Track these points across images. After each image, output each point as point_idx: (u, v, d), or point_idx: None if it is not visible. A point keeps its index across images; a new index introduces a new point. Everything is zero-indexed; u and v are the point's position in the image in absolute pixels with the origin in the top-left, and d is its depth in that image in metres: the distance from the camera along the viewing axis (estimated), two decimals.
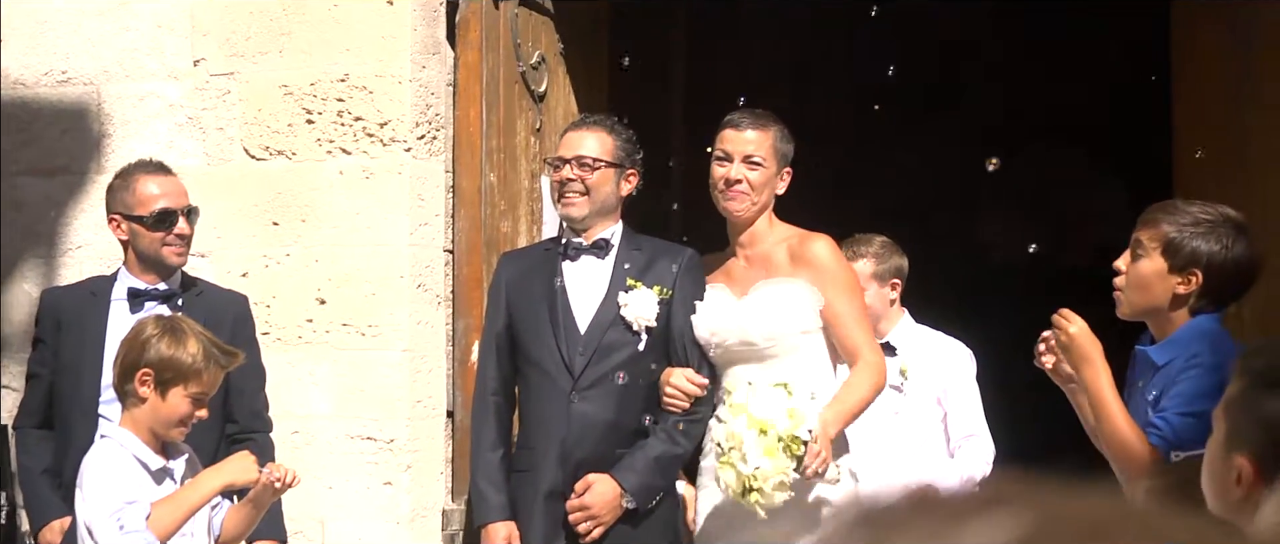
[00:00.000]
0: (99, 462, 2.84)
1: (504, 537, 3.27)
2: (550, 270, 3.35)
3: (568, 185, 3.29)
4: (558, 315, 3.30)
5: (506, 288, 3.39)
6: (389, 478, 3.92)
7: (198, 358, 2.80)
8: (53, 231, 4.22)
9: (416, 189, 4.00)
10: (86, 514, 2.79)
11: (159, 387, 2.79)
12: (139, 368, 2.80)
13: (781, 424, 2.88)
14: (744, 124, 3.26)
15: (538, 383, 3.30)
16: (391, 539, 3.91)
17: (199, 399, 2.82)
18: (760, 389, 2.96)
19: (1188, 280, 2.60)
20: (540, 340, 3.30)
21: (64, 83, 4.24)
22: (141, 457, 2.82)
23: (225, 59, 4.12)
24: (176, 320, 2.96)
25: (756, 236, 3.25)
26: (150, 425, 2.83)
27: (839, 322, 3.16)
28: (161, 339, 2.82)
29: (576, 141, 3.35)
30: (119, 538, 2.74)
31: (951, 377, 3.69)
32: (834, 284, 3.18)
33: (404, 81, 3.98)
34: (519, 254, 3.61)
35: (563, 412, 3.26)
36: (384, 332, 3.95)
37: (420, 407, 3.98)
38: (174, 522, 2.78)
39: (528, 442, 3.33)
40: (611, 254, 3.34)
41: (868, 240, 3.69)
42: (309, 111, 4.04)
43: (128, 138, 4.17)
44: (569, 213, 3.33)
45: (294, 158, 4.06)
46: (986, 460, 3.67)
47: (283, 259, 4.05)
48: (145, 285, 3.46)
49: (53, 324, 3.50)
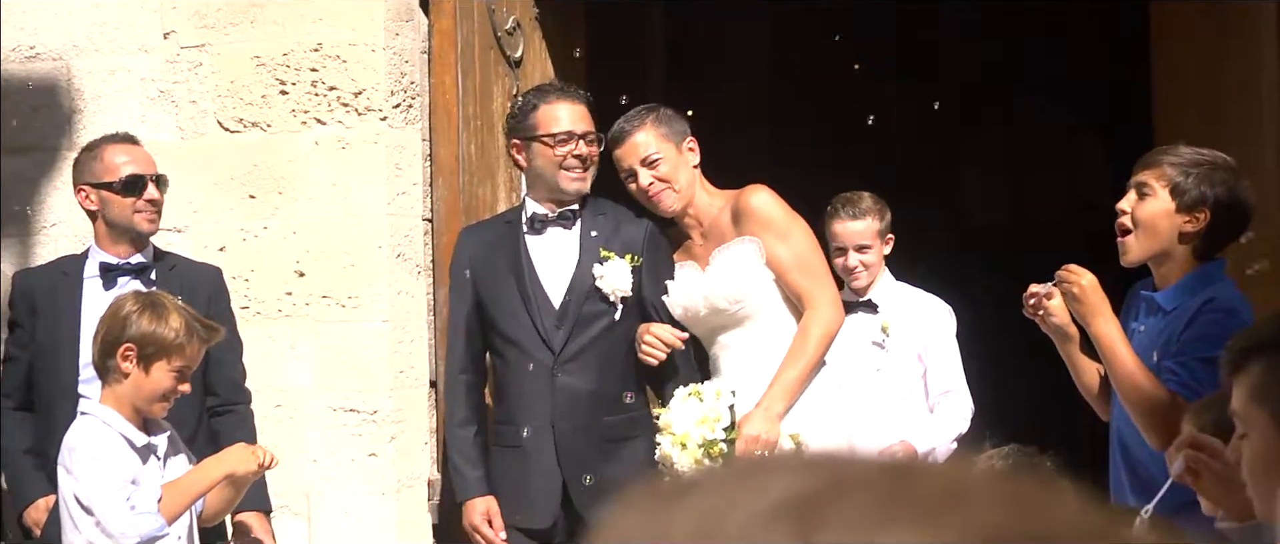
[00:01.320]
0: (86, 440, 2.81)
1: (482, 511, 3.29)
2: (515, 245, 3.34)
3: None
4: (530, 291, 3.29)
5: (471, 266, 3.37)
6: (373, 449, 3.91)
7: (180, 332, 2.79)
8: (26, 210, 4.18)
9: (393, 158, 3.97)
10: (80, 492, 2.77)
11: (142, 361, 2.78)
12: (121, 343, 2.78)
13: (696, 434, 2.99)
14: (623, 135, 3.30)
15: (517, 360, 3.30)
16: (378, 510, 3.90)
17: (181, 373, 2.80)
18: (675, 404, 3.06)
19: (1195, 219, 2.62)
20: (515, 318, 3.30)
21: (32, 58, 4.19)
22: (127, 434, 2.81)
23: (196, 31, 4.07)
24: (156, 296, 2.95)
25: (700, 209, 3.29)
26: (133, 401, 2.81)
27: (783, 269, 3.18)
28: (142, 314, 2.80)
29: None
30: (129, 518, 2.73)
31: (931, 334, 3.70)
32: (772, 231, 3.19)
33: (378, 50, 3.94)
34: (477, 229, 3.57)
35: (547, 387, 3.26)
36: (364, 302, 3.93)
37: (402, 377, 3.96)
38: (180, 507, 2.80)
39: (511, 417, 3.32)
40: (577, 223, 3.34)
41: (860, 198, 3.68)
42: (282, 82, 4.00)
43: (99, 113, 4.13)
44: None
45: (269, 130, 4.02)
46: (965, 417, 3.69)
47: (260, 232, 4.02)
48: (117, 259, 3.43)
49: (27, 307, 3.47)
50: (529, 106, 3.37)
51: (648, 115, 3.30)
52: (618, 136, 3.31)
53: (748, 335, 3.18)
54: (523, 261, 3.33)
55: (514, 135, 3.39)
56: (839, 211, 3.65)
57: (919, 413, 3.71)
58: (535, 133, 3.34)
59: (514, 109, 3.44)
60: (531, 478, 3.28)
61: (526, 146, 3.36)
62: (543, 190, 3.38)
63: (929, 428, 3.67)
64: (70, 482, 2.80)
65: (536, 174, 3.37)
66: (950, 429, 3.66)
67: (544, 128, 3.33)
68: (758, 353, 3.15)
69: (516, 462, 3.30)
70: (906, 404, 3.67)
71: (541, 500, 3.27)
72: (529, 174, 3.41)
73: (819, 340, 3.14)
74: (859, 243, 3.62)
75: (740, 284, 3.18)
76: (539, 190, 3.39)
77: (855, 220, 3.64)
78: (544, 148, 3.33)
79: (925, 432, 3.65)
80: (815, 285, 3.18)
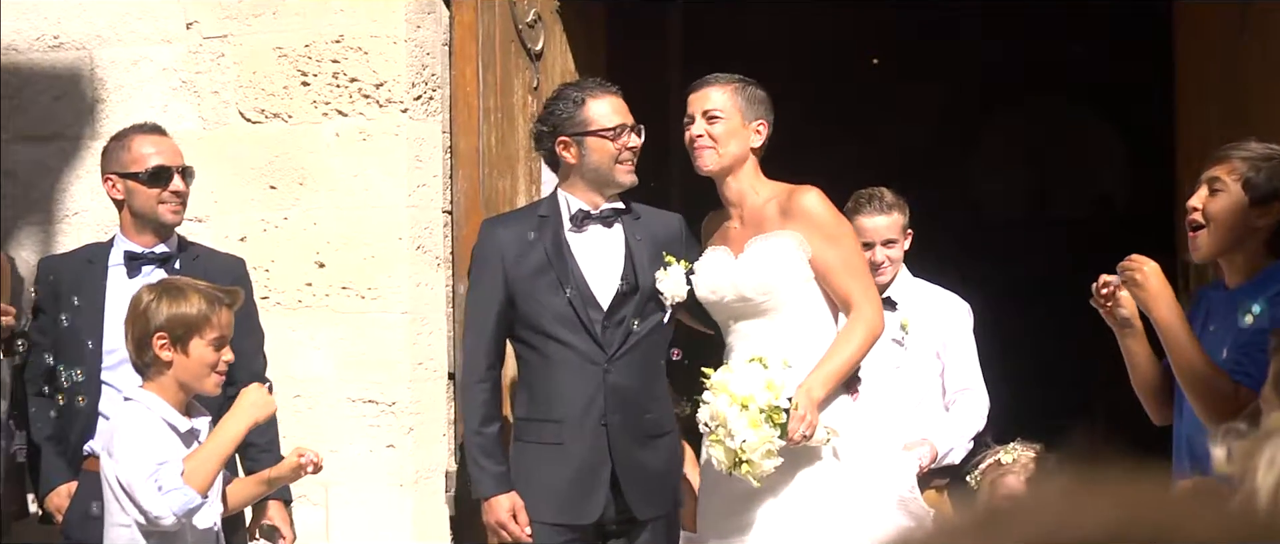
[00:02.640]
0: (128, 424, 2.87)
1: (509, 507, 3.24)
2: (555, 240, 3.28)
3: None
4: (578, 289, 3.25)
5: (504, 261, 3.28)
6: (391, 441, 3.92)
7: (202, 306, 2.85)
8: (48, 199, 4.20)
9: (414, 150, 3.98)
10: (120, 474, 2.82)
11: (176, 345, 2.84)
12: (151, 335, 2.84)
13: (761, 397, 2.94)
14: (703, 84, 3.28)
15: (562, 357, 3.23)
16: (395, 502, 3.91)
17: (218, 343, 2.87)
18: (737, 366, 3.02)
19: (1268, 212, 2.65)
20: (560, 316, 3.24)
21: (56, 48, 4.21)
22: (169, 419, 2.86)
23: (218, 21, 4.09)
24: (168, 280, 3.00)
25: (744, 196, 3.26)
26: (181, 384, 2.87)
27: (830, 272, 3.16)
28: (161, 301, 2.86)
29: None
30: (159, 498, 2.77)
31: (950, 330, 3.70)
32: (822, 234, 3.17)
33: (399, 42, 3.95)
34: (507, 221, 3.45)
35: (597, 385, 3.22)
36: (384, 294, 3.94)
37: (421, 369, 3.97)
38: (209, 473, 2.83)
39: (549, 414, 3.26)
40: (618, 223, 3.31)
41: (881, 193, 3.69)
42: (304, 73, 4.01)
43: (121, 103, 4.15)
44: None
45: (290, 121, 4.03)
46: (981, 414, 3.69)
47: (280, 223, 4.03)
48: (142, 248, 3.45)
49: (51, 293, 3.49)
50: (575, 102, 3.30)
51: (736, 81, 3.27)
52: (700, 83, 3.29)
53: (768, 327, 3.17)
54: (568, 258, 3.27)
55: (562, 132, 3.29)
56: (863, 207, 3.66)
57: (936, 410, 3.71)
58: (588, 128, 3.27)
59: (555, 107, 3.33)
60: (576, 474, 3.23)
61: (578, 142, 3.28)
62: (589, 186, 3.30)
63: (946, 426, 3.67)
64: (111, 465, 2.85)
65: (589, 169, 3.29)
66: (967, 427, 3.66)
67: (598, 122, 3.27)
68: (775, 346, 3.13)
69: (555, 459, 3.24)
70: (925, 402, 3.67)
71: (589, 496, 3.23)
72: (577, 170, 3.31)
73: (863, 340, 3.12)
74: (885, 238, 3.64)
75: (772, 276, 3.16)
76: (583, 186, 3.31)
77: (881, 215, 3.65)
78: (601, 142, 3.26)
79: (943, 430, 3.65)
80: (862, 289, 3.17)
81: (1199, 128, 4.20)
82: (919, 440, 3.58)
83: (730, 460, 2.96)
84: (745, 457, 2.93)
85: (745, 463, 2.94)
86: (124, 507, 2.81)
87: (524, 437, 3.30)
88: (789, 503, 3.07)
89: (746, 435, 2.93)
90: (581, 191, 3.32)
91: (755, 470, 2.95)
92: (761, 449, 2.94)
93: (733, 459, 2.95)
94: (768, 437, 2.94)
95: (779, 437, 2.95)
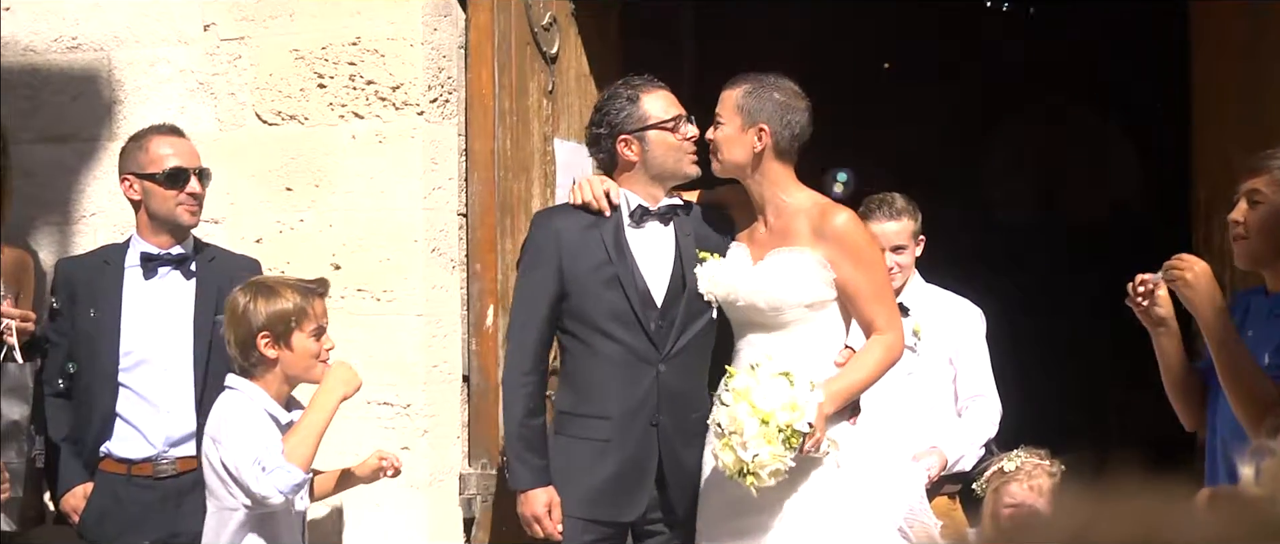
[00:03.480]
0: (232, 411, 2.94)
1: (546, 502, 3.21)
2: (615, 236, 3.24)
3: (692, 140, 3.25)
4: (637, 287, 3.22)
5: (561, 253, 3.23)
6: (406, 443, 3.93)
7: (297, 299, 2.95)
8: (65, 199, 4.21)
9: (430, 153, 3.99)
10: (227, 458, 2.88)
11: (279, 341, 2.94)
12: (254, 336, 2.92)
13: (782, 417, 2.92)
14: (728, 84, 3.24)
15: (615, 355, 3.20)
16: (409, 504, 3.92)
17: (318, 332, 2.97)
18: (763, 376, 2.97)
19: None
20: (617, 313, 3.20)
21: (73, 49, 4.22)
22: (271, 410, 2.94)
23: (235, 23, 4.10)
24: (257, 280, 3.11)
25: (768, 201, 3.21)
26: (287, 377, 2.96)
27: (857, 296, 3.12)
28: (256, 301, 2.95)
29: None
30: (265, 478, 2.83)
31: (962, 336, 3.68)
32: (854, 258, 3.11)
33: (416, 44, 3.96)
34: (562, 212, 3.38)
35: (650, 385, 3.19)
36: (399, 296, 3.95)
37: (436, 371, 3.98)
38: (309, 450, 2.90)
39: (599, 410, 3.22)
40: (673, 221, 3.29)
41: (892, 199, 3.67)
42: (321, 76, 4.02)
43: (139, 104, 4.16)
44: (687, 171, 3.28)
45: (306, 123, 4.04)
46: (993, 421, 3.68)
47: (296, 224, 4.04)
48: (158, 250, 3.47)
49: (68, 295, 3.50)
50: (629, 99, 3.26)
51: (748, 82, 3.20)
52: (728, 83, 3.25)
53: (776, 342, 3.12)
54: (627, 255, 3.24)
55: (622, 131, 3.24)
56: (874, 213, 3.64)
57: (948, 417, 3.69)
58: (647, 122, 3.24)
59: (609, 107, 3.29)
60: (620, 472, 3.20)
61: (639, 138, 3.24)
62: (651, 181, 3.27)
63: (958, 433, 3.65)
64: (216, 450, 2.92)
65: (654, 163, 3.25)
66: (979, 434, 3.64)
67: (656, 116, 3.25)
68: (781, 360, 3.07)
69: (600, 455, 3.20)
70: (937, 408, 3.66)
71: (633, 495, 3.20)
72: (640, 166, 3.26)
73: (881, 362, 3.10)
74: (895, 244, 3.62)
75: (786, 293, 3.12)
76: (643, 182, 3.27)
77: (892, 221, 3.64)
78: (662, 135, 3.24)
79: (955, 437, 3.63)
80: (888, 315, 3.14)
81: (1215, 129, 4.19)
82: (928, 449, 3.57)
83: (737, 468, 2.94)
84: (753, 469, 2.92)
85: (751, 474, 2.93)
86: (231, 490, 2.88)
87: (567, 431, 3.25)
88: (789, 512, 3.05)
89: (760, 451, 2.90)
90: (641, 188, 3.27)
91: (759, 483, 2.94)
92: (771, 466, 2.92)
93: (739, 467, 2.94)
94: (780, 455, 2.92)
95: (790, 457, 2.93)
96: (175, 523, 3.41)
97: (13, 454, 3.31)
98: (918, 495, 3.19)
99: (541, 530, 3.23)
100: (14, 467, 3.30)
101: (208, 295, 3.47)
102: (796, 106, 3.19)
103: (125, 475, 3.42)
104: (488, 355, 3.95)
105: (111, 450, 3.44)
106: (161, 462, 3.41)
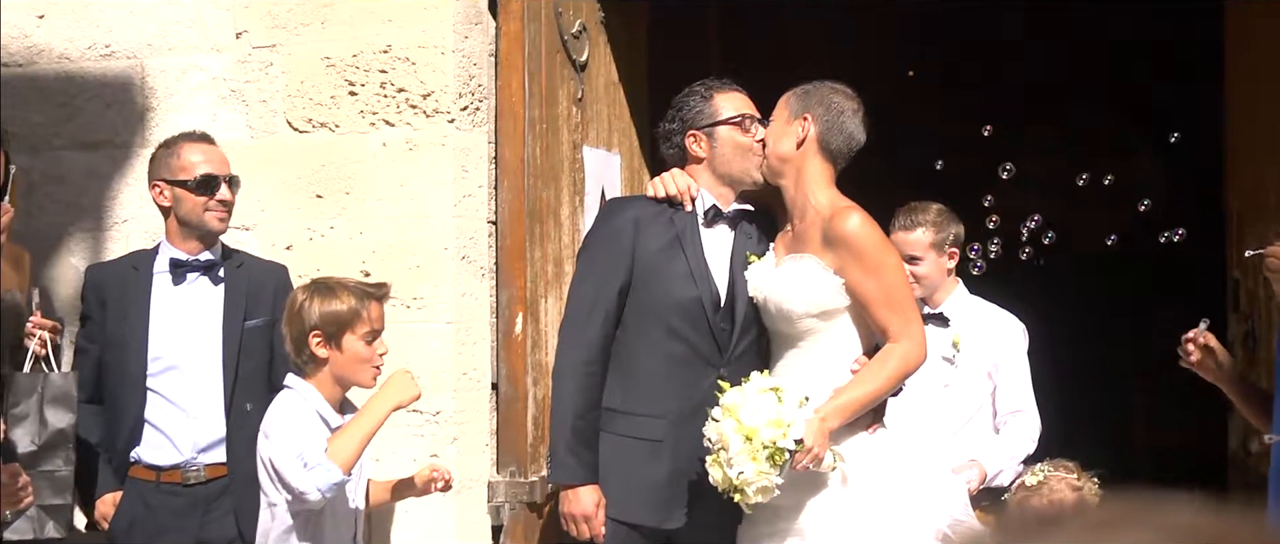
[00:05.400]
0: (285, 408, 2.96)
1: (595, 501, 3.14)
2: (690, 232, 3.17)
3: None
4: (705, 286, 3.16)
5: (636, 234, 3.16)
6: (435, 450, 3.93)
7: (352, 302, 2.97)
8: (98, 206, 4.23)
9: (460, 160, 3.99)
10: (272, 454, 2.90)
11: (330, 342, 2.95)
12: (307, 333, 2.95)
13: (766, 434, 2.83)
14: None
15: (678, 353, 3.13)
16: (437, 511, 3.92)
17: (371, 336, 2.98)
18: (751, 392, 2.89)
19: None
20: (687, 312, 3.14)
21: (107, 56, 4.24)
22: (322, 412, 2.96)
23: (267, 31, 4.11)
24: (319, 280, 3.11)
25: (797, 204, 3.13)
26: (337, 378, 2.98)
27: (869, 302, 3.00)
28: (313, 300, 2.97)
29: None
30: (305, 475, 2.85)
31: (1003, 350, 3.64)
32: (863, 263, 2.99)
33: (447, 52, 3.96)
34: (634, 203, 3.32)
35: (710, 387, 3.06)
36: (429, 304, 3.95)
37: (465, 379, 3.98)
38: (353, 452, 2.90)
39: (654, 409, 3.14)
40: (739, 225, 3.25)
41: (924, 208, 3.64)
42: (352, 83, 4.03)
43: (171, 111, 4.18)
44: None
45: (337, 130, 4.05)
46: (1032, 438, 3.62)
47: (327, 232, 4.05)
48: (187, 256, 3.48)
49: (97, 300, 3.52)
50: (702, 97, 3.24)
51: (809, 84, 3.16)
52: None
53: (796, 352, 3.06)
54: (701, 252, 3.18)
55: (692, 126, 3.22)
56: (897, 219, 3.62)
57: (985, 432, 3.65)
58: (719, 118, 3.20)
59: (683, 104, 3.26)
60: (671, 476, 3.13)
61: (708, 135, 3.21)
62: (718, 181, 3.23)
63: (996, 448, 3.61)
64: (266, 445, 2.94)
65: (721, 161, 3.21)
66: (1018, 450, 3.59)
67: (729, 111, 3.21)
68: (801, 373, 3.01)
69: (650, 456, 3.13)
70: (974, 422, 3.62)
71: (682, 500, 3.13)
72: (707, 164, 3.23)
73: (895, 372, 2.97)
74: (909, 253, 3.54)
75: (792, 301, 3.05)
76: (712, 181, 3.23)
77: (907, 231, 3.60)
78: (734, 133, 3.20)
79: (992, 452, 3.59)
80: (903, 321, 2.99)
81: (1246, 139, 4.16)
82: (968, 463, 3.54)
83: (726, 485, 2.89)
84: (740, 486, 2.86)
85: (738, 492, 2.87)
86: (275, 485, 2.90)
87: (614, 428, 3.17)
88: (825, 520, 3.01)
89: (744, 468, 2.84)
90: (712, 187, 3.24)
91: (747, 500, 2.88)
92: (757, 484, 2.85)
93: (728, 485, 2.88)
94: (765, 473, 2.84)
95: (777, 476, 2.85)
96: (204, 529, 3.42)
97: (60, 462, 3.32)
98: (963, 506, 3.09)
99: (588, 531, 3.14)
100: (62, 475, 3.31)
101: (236, 301, 3.48)
102: (847, 107, 3.13)
103: (154, 482, 3.42)
104: (516, 363, 3.95)
105: (141, 457, 3.45)
106: (190, 468, 3.42)
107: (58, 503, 3.31)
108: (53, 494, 3.30)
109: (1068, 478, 3.36)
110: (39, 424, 3.32)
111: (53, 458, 3.31)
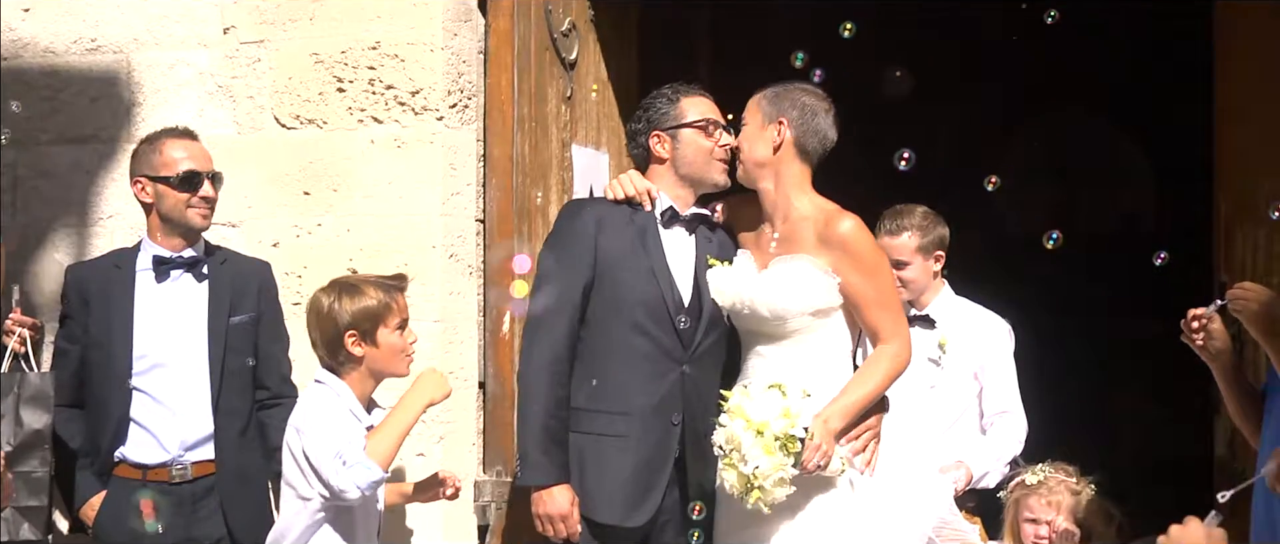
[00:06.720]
0: (317, 403, 2.97)
1: (570, 500, 3.16)
2: (650, 234, 3.23)
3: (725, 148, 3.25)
4: (668, 285, 3.22)
5: (597, 234, 3.21)
6: (422, 449, 3.92)
7: (381, 296, 3.00)
8: (84, 201, 4.21)
9: (448, 158, 3.98)
10: (308, 448, 2.90)
11: (365, 338, 2.98)
12: (343, 334, 2.97)
13: (777, 425, 2.93)
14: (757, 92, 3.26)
15: (642, 350, 3.18)
16: (424, 510, 3.90)
17: (402, 326, 3.02)
18: (755, 391, 3.01)
19: None
20: (650, 310, 3.19)
21: (94, 50, 4.22)
22: (353, 409, 2.98)
23: (255, 26, 4.09)
24: (339, 280, 3.14)
25: (778, 206, 3.19)
26: (373, 373, 3.01)
27: (863, 304, 3.11)
28: (341, 300, 3.00)
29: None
30: (344, 472, 2.86)
31: (989, 351, 3.65)
32: (858, 266, 3.10)
33: (436, 49, 3.95)
34: (598, 205, 3.35)
35: (674, 383, 3.18)
36: (416, 302, 3.92)
37: (452, 378, 3.95)
38: (391, 448, 2.93)
39: (619, 406, 3.18)
40: (697, 230, 3.30)
41: (909, 211, 3.65)
42: (340, 80, 4.02)
43: (158, 106, 4.16)
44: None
45: (325, 127, 4.03)
46: (1018, 439, 3.64)
47: (314, 229, 4.03)
48: (170, 253, 3.46)
49: (80, 300, 3.50)
50: (669, 99, 3.30)
51: (775, 85, 3.21)
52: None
53: (784, 352, 3.12)
54: (658, 250, 3.24)
55: (656, 127, 3.28)
56: (882, 224, 3.63)
57: (972, 433, 3.66)
58: (683, 120, 3.26)
59: (651, 104, 3.32)
60: (636, 472, 3.16)
61: (671, 136, 3.27)
62: (680, 182, 3.28)
63: (983, 449, 3.62)
64: (299, 439, 2.94)
65: (683, 164, 3.27)
66: (1004, 451, 3.61)
67: (694, 115, 3.27)
68: (791, 372, 3.06)
69: (617, 452, 3.17)
70: (960, 423, 3.63)
71: (647, 495, 3.17)
72: (670, 165, 3.28)
73: (888, 373, 3.09)
74: (896, 258, 3.56)
75: (788, 302, 3.11)
76: (673, 182, 3.29)
77: (892, 236, 3.61)
78: (697, 136, 3.26)
79: (979, 453, 3.60)
80: (893, 322, 3.12)
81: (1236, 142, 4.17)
82: (954, 464, 3.55)
83: (742, 486, 2.95)
84: (758, 482, 2.92)
85: (757, 489, 2.93)
86: (309, 481, 2.91)
87: (582, 427, 3.21)
88: (803, 527, 3.04)
89: (760, 461, 2.92)
90: (671, 189, 3.29)
91: (767, 497, 2.94)
92: (774, 476, 2.92)
93: (745, 485, 2.94)
94: (781, 464, 2.92)
95: (793, 465, 2.93)
96: (191, 528, 3.40)
97: (36, 463, 3.30)
98: (948, 507, 3.17)
99: (564, 530, 3.16)
100: (38, 476, 3.30)
101: (220, 298, 3.47)
102: (819, 107, 3.20)
103: (141, 481, 3.40)
104: (504, 362, 3.94)
105: (126, 456, 3.43)
106: (177, 466, 3.40)
107: (34, 505, 3.29)
108: (29, 496, 3.29)
109: (1067, 481, 3.38)
110: (15, 425, 3.30)
111: (29, 459, 3.30)
